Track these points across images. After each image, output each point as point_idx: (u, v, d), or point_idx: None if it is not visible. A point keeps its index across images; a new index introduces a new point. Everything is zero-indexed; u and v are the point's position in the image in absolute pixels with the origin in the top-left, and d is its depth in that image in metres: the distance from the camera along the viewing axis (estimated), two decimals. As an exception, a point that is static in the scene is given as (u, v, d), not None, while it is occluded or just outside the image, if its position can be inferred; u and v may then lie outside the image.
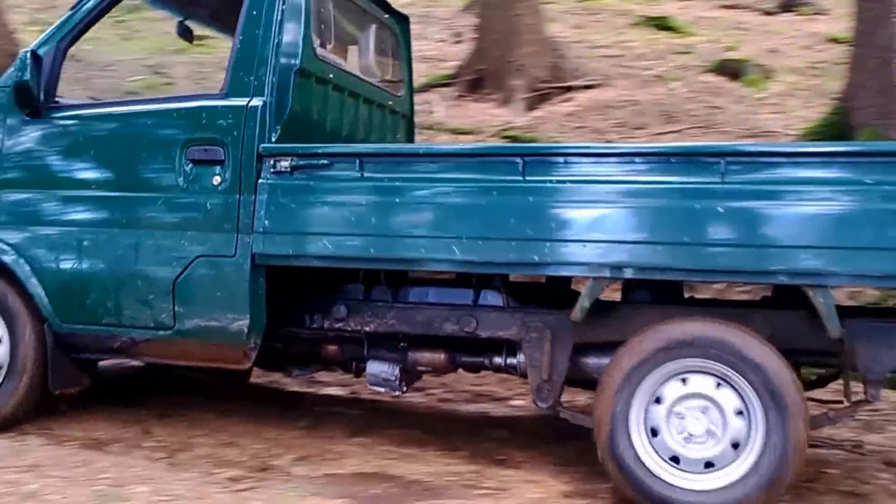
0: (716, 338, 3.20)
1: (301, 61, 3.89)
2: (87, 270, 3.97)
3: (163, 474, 3.51)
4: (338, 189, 3.66)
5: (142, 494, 3.16)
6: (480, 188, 3.46)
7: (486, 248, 3.41)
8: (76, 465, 3.49)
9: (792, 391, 3.09)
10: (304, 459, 3.95)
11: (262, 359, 4.01)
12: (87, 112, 4.21)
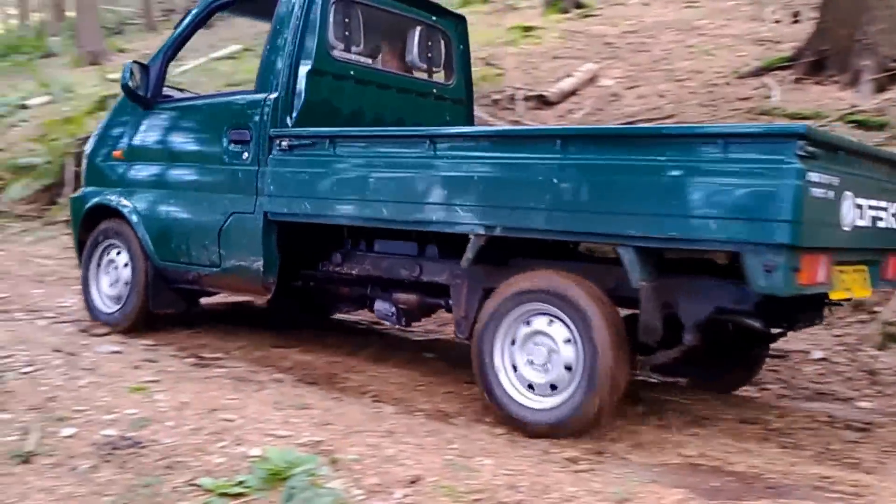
0: (550, 286, 3.88)
1: (314, 63, 4.87)
2: (171, 222, 5.24)
3: (505, 449, 3.62)
4: (316, 163, 4.63)
5: (488, 467, 3.26)
6: (400, 162, 4.33)
7: (405, 210, 4.26)
8: (427, 434, 3.69)
9: (602, 328, 3.70)
10: (639, 446, 3.89)
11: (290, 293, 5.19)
12: (175, 105, 5.52)
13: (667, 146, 3.58)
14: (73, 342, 4.83)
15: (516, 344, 3.99)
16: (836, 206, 3.47)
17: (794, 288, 3.33)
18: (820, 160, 3.33)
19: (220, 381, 4.26)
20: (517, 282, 3.99)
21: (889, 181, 4.04)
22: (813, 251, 3.38)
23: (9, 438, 3.37)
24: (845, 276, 3.76)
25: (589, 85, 9.60)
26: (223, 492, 2.94)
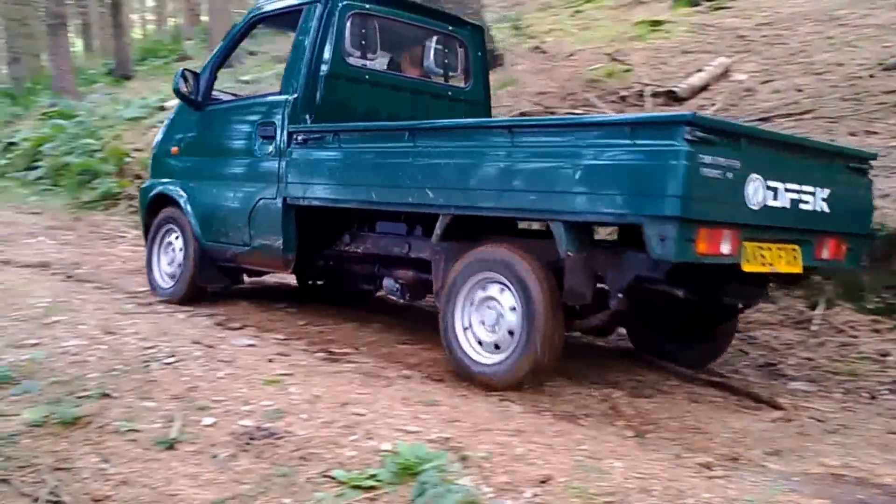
0: (498, 258, 4.45)
1: (330, 68, 5.56)
2: (213, 208, 6.04)
3: (635, 452, 3.55)
4: (322, 154, 5.35)
5: (618, 469, 3.21)
6: (386, 152, 4.94)
7: (390, 194, 4.89)
8: (555, 434, 3.65)
9: (539, 296, 4.22)
10: (777, 454, 3.78)
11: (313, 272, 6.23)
12: (219, 106, 6.32)
13: (584, 134, 4.12)
14: (210, 335, 5.01)
15: (473, 306, 4.61)
16: (738, 186, 3.86)
17: (690, 256, 3.75)
18: (716, 145, 3.75)
19: (349, 375, 4.34)
20: (474, 254, 4.60)
21: (813, 167, 4.40)
22: (712, 225, 3.80)
23: (154, 425, 3.52)
24: (766, 252, 4.15)
25: (721, 80, 9.31)
26: (356, 484, 2.99)
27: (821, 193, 4.33)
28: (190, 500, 3.01)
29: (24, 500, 2.94)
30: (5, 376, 4.01)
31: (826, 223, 4.43)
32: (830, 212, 4.40)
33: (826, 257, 4.56)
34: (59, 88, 21.54)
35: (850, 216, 4.64)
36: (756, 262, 4.11)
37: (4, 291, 5.90)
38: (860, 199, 4.73)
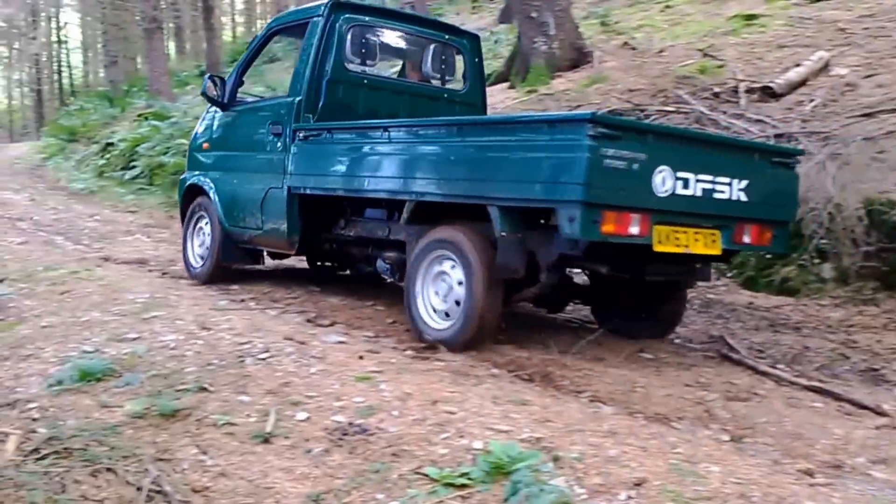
0: (449, 238, 5.06)
1: (332, 74, 6.25)
2: (234, 196, 6.81)
3: (732, 457, 3.46)
4: (318, 149, 6.10)
5: (715, 474, 3.13)
6: (367, 147, 5.70)
7: (369, 183, 5.62)
8: (649, 436, 3.58)
9: (480, 271, 4.81)
10: (883, 462, 3.64)
11: (314, 253, 6.93)
12: (241, 107, 7.08)
13: (511, 130, 4.86)
14: (301, 331, 5.08)
15: (430, 280, 5.23)
16: (646, 176, 4.39)
17: (597, 235, 4.32)
18: (620, 139, 4.30)
19: (439, 373, 4.34)
20: (431, 235, 5.22)
21: (729, 161, 4.87)
22: (619, 209, 4.36)
23: (250, 419, 3.59)
24: (681, 235, 4.66)
25: (820, 75, 9.02)
26: (448, 482, 2.99)
27: (738, 184, 4.81)
28: (286, 493, 3.06)
29: (128, 488, 3.03)
30: (109, 369, 4.14)
31: (745, 211, 4.90)
32: (749, 201, 4.86)
33: (748, 242, 5.06)
34: (154, 90, 22.25)
35: (774, 205, 5.11)
36: (669, 243, 4.62)
37: (105, 287, 6.10)
38: (785, 190, 5.21)
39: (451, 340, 4.97)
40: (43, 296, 5.89)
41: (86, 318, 5.17)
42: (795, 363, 5.32)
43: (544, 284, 4.90)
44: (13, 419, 3.68)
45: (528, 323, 5.93)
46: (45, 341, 4.74)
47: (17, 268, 6.98)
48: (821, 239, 6.35)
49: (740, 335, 5.83)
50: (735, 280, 6.79)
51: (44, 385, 4.06)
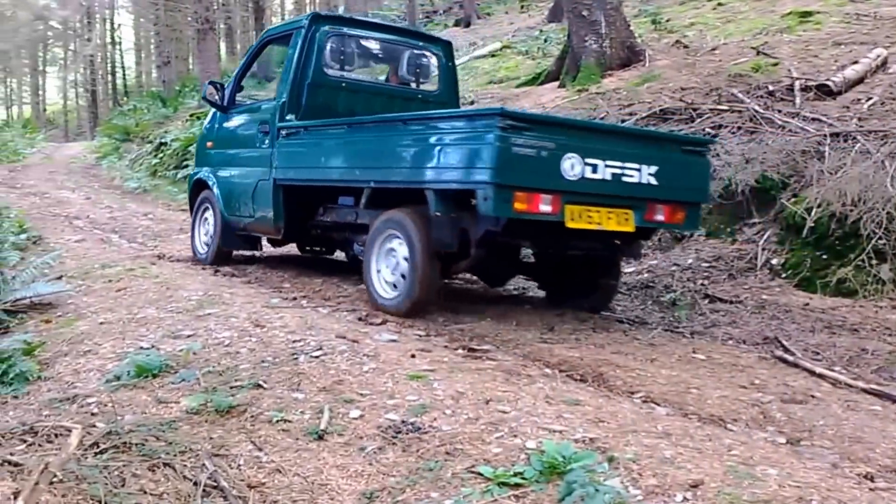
0: (397, 219, 5.77)
1: (312, 78, 6.99)
2: (231, 188, 7.63)
3: (789, 459, 3.40)
4: (297, 144, 6.87)
5: (772, 476, 3.08)
6: (334, 141, 6.53)
7: (336, 173, 6.49)
8: (704, 438, 3.54)
9: (420, 248, 5.50)
10: (947, 467, 3.53)
11: (302, 238, 7.59)
12: (238, 109, 7.87)
13: (438, 124, 5.62)
14: (353, 329, 5.11)
15: (382, 256, 5.94)
16: (555, 162, 5.06)
17: (509, 213, 5.01)
18: (528, 131, 5.02)
19: (491, 373, 4.33)
20: (384, 216, 5.93)
21: (638, 149, 5.50)
22: (529, 189, 5.03)
23: (304, 416, 3.62)
24: (594, 213, 5.29)
25: (878, 72, 8.83)
26: (502, 481, 2.98)
27: (648, 170, 5.42)
28: (340, 490, 3.08)
29: (186, 483, 3.07)
30: (165, 365, 4.21)
31: (656, 193, 5.52)
32: (660, 184, 5.48)
33: (661, 220, 5.69)
34: (206, 91, 22.45)
35: (685, 189, 5.72)
36: (582, 221, 5.27)
37: (160, 284, 6.20)
38: (696, 174, 5.84)
39: (398, 307, 5.71)
40: (100, 293, 6.02)
41: (142, 315, 5.27)
42: (853, 365, 5.21)
43: (474, 257, 5.61)
44: (73, 413, 3.77)
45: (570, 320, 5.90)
46: (102, 337, 4.84)
47: (74, 265, 7.14)
48: (879, 239, 6.21)
49: (795, 337, 5.73)
50: (790, 281, 6.67)
51: (102, 380, 4.15)
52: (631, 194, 5.43)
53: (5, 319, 5.56)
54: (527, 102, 12.06)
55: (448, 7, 34.38)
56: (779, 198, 7.26)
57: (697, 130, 8.56)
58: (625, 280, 7.24)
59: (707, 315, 6.26)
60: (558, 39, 16.89)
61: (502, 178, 4.95)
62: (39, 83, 54.88)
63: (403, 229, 5.69)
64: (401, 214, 5.76)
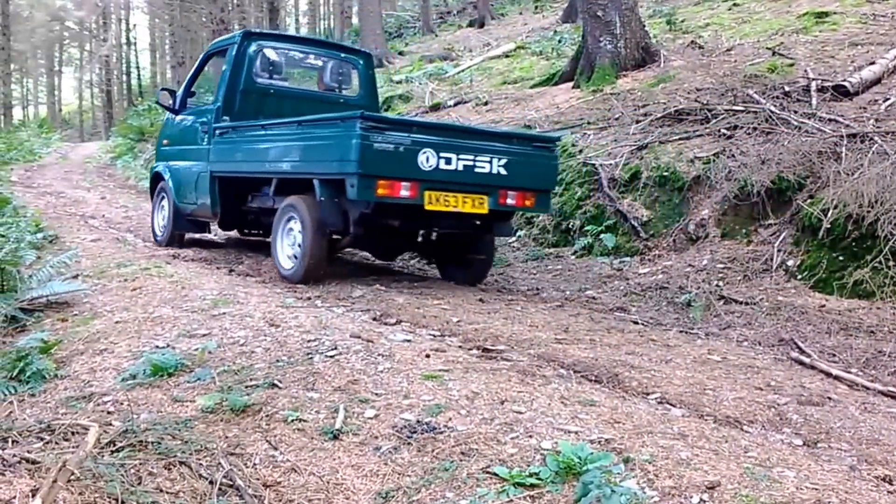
0: (294, 204, 6.94)
1: (244, 86, 8.28)
2: (180, 179, 8.86)
3: (806, 461, 3.37)
4: (227, 142, 8.03)
5: (790, 479, 3.06)
6: (252, 139, 7.74)
7: (254, 166, 7.62)
8: (720, 439, 3.52)
9: (310, 228, 6.66)
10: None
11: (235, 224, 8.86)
12: (187, 112, 9.07)
13: (319, 126, 6.83)
14: (368, 329, 5.11)
15: (284, 234, 7.10)
16: (412, 156, 6.21)
17: (372, 197, 6.24)
18: (388, 130, 6.18)
19: (506, 373, 4.32)
20: (285, 202, 7.12)
21: (489, 145, 6.68)
22: (389, 178, 6.19)
23: (319, 416, 3.62)
24: (451, 198, 6.45)
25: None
26: (518, 482, 2.98)
27: (498, 162, 6.60)
28: (355, 489, 3.08)
29: (201, 482, 3.08)
30: (180, 364, 4.23)
31: (506, 181, 6.69)
32: (509, 174, 6.66)
33: (512, 203, 6.84)
34: (221, 91, 22.53)
35: (534, 178, 6.92)
36: (439, 204, 6.42)
37: (175, 284, 6.23)
38: (544, 167, 7.02)
39: (294, 276, 6.87)
40: (115, 292, 6.04)
41: (157, 314, 5.29)
42: (869, 367, 5.18)
43: (353, 235, 6.82)
44: (89, 412, 3.79)
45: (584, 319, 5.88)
46: (118, 336, 4.86)
47: (90, 264, 7.17)
48: (896, 241, 6.17)
49: (811, 338, 5.70)
50: (806, 283, 6.63)
51: (118, 379, 4.16)
52: (484, 182, 6.60)
53: (22, 318, 5.60)
54: (541, 103, 12.04)
55: (462, 8, 34.41)
56: (795, 199, 7.22)
57: (713, 131, 8.53)
58: (639, 281, 7.23)
59: (722, 316, 6.23)
60: (573, 40, 16.87)
61: (364, 169, 6.11)
62: (55, 83, 55.35)
63: (298, 212, 6.86)
64: (296, 200, 6.92)
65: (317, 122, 6.90)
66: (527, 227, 9.27)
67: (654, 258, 7.75)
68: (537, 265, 8.41)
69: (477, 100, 13.24)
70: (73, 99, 58.26)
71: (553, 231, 8.92)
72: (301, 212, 6.78)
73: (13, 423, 3.60)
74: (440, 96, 14.66)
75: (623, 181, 8.58)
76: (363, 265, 8.70)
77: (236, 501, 3.01)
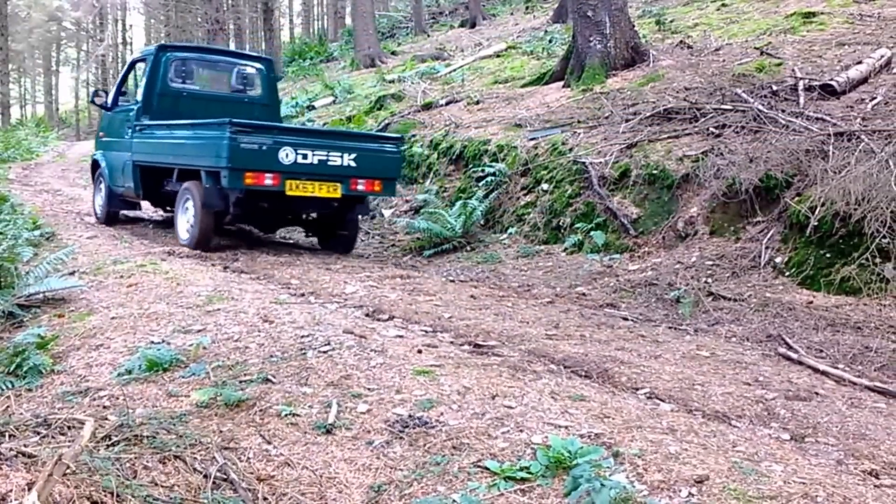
0: (189, 188, 8.59)
1: (160, 89, 9.79)
2: (111, 165, 10.43)
3: (793, 456, 3.43)
4: (144, 136, 9.63)
5: (777, 473, 3.11)
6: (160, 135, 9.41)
7: (160, 157, 9.32)
8: (708, 434, 3.57)
9: (200, 206, 8.30)
10: (948, 464, 3.56)
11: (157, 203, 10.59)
12: (117, 109, 10.57)
13: (203, 127, 8.43)
14: (361, 325, 5.15)
15: (183, 211, 8.72)
16: (274, 153, 7.84)
17: (241, 185, 7.84)
18: (253, 133, 7.82)
19: (497, 368, 4.37)
20: (184, 186, 8.75)
21: (340, 143, 8.41)
22: (255, 170, 7.81)
23: (312, 410, 3.66)
24: (309, 185, 8.15)
25: (882, 72, 8.85)
26: (509, 475, 3.02)
27: (348, 156, 8.31)
28: (348, 483, 3.12)
29: (196, 475, 3.11)
30: (175, 359, 4.25)
31: (356, 172, 8.38)
32: (358, 166, 8.36)
33: (362, 189, 8.54)
34: (215, 90, 22.59)
35: (380, 168, 8.61)
36: (298, 190, 8.11)
37: (170, 280, 6.24)
38: (389, 160, 8.74)
39: (189, 244, 8.57)
40: (112, 288, 6.06)
41: (153, 310, 5.31)
42: (856, 363, 5.24)
43: (233, 214, 8.41)
44: (85, 406, 3.81)
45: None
46: (114, 332, 4.88)
47: (86, 261, 7.19)
48: (882, 238, 6.23)
49: (799, 334, 5.75)
50: (793, 279, 6.69)
51: (114, 374, 4.18)
52: (336, 173, 8.26)
53: (19, 314, 5.62)
54: (532, 102, 12.08)
55: (454, 8, 34.46)
56: (782, 197, 7.28)
57: (701, 130, 8.58)
58: (629, 278, 7.28)
59: (711, 312, 6.28)
60: (563, 40, 16.93)
61: (233, 163, 7.76)
62: (52, 83, 55.39)
63: (192, 194, 8.52)
64: (191, 185, 8.59)
65: (201, 125, 8.52)
66: (518, 224, 9.32)
67: (643, 255, 7.80)
68: (528, 262, 8.45)
69: (468, 99, 13.27)
70: (69, 98, 58.10)
71: (544, 228, 8.97)
72: (193, 194, 8.45)
73: (10, 418, 3.63)
74: (432, 95, 14.68)
75: (613, 179, 8.63)
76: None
77: (230, 495, 3.04)
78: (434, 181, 11.23)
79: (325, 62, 28.26)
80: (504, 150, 10.30)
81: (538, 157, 9.70)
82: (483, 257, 8.76)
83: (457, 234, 9.27)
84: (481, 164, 10.37)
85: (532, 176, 9.60)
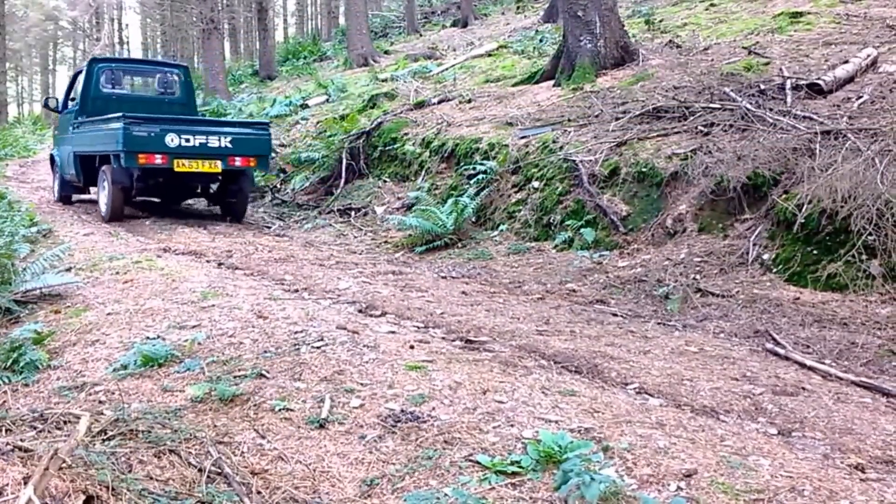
0: (105, 169, 10.76)
1: (92, 93, 12.11)
2: (61, 157, 12.81)
3: (781, 450, 3.48)
4: (80, 132, 11.89)
5: (765, 467, 3.16)
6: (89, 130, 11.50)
7: (89, 147, 11.37)
8: (697, 429, 3.62)
9: (112, 184, 10.60)
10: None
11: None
12: (66, 112, 12.95)
13: (108, 121, 10.39)
14: (354, 321, 5.19)
15: (102, 188, 10.82)
16: (161, 138, 9.98)
17: (135, 164, 10.04)
18: (143, 123, 9.99)
19: (488, 364, 4.42)
20: (102, 169, 10.74)
21: (217, 129, 10.59)
22: (147, 152, 9.94)
23: (306, 405, 3.70)
24: (194, 163, 10.23)
25: (868, 72, 8.92)
26: (500, 469, 3.07)
27: (225, 139, 10.33)
28: (341, 477, 3.16)
29: (191, 469, 3.15)
30: (170, 355, 4.29)
31: (232, 151, 10.37)
32: (234, 147, 10.38)
33: (238, 165, 10.51)
34: (211, 89, 22.69)
35: (253, 148, 10.64)
36: (185, 167, 10.08)
37: (165, 276, 6.27)
38: (261, 141, 10.80)
39: (106, 216, 10.56)
40: (107, 284, 6.09)
41: (148, 306, 5.34)
42: (843, 358, 5.29)
43: (137, 189, 10.50)
44: (81, 401, 3.84)
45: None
46: (110, 327, 4.91)
47: (83, 258, 7.22)
48: (868, 235, 6.30)
49: (786, 330, 5.81)
50: (780, 276, 6.76)
51: (109, 369, 4.22)
52: (215, 153, 10.26)
53: (16, 310, 5.65)
54: (523, 100, 12.13)
55: (446, 8, 34.48)
56: (770, 194, 7.34)
57: (690, 128, 8.64)
58: (618, 274, 7.33)
59: (699, 308, 6.34)
60: (554, 39, 16.98)
61: (127, 147, 9.79)
62: (50, 81, 55.48)
63: (106, 175, 10.51)
64: (106, 167, 10.50)
65: (107, 120, 10.35)
66: (509, 221, 9.37)
67: (632, 252, 7.85)
68: (519, 259, 8.50)
69: (460, 97, 13.31)
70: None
71: (534, 225, 9.01)
72: (107, 175, 10.48)
73: (6, 413, 3.65)
74: (424, 94, 14.71)
75: (603, 177, 8.68)
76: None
77: (225, 489, 3.08)
78: (426, 179, 11.27)
79: (319, 61, 28.25)
80: (495, 148, 10.35)
81: (529, 155, 9.75)
82: (474, 254, 8.80)
83: (448, 231, 9.30)
84: (472, 162, 10.41)
85: (523, 174, 9.64)
